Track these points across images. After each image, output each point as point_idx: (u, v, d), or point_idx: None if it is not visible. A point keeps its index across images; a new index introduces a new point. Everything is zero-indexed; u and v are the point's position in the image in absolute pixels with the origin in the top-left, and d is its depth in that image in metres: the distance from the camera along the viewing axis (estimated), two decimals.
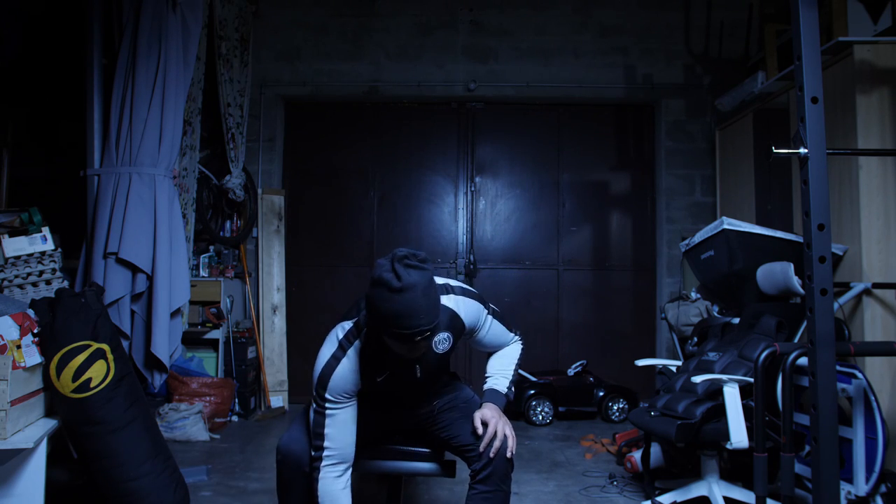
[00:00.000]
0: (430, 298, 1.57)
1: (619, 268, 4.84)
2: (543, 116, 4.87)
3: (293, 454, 1.81)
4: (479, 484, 1.81)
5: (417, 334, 1.56)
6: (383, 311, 1.54)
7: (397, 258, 1.55)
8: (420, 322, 1.55)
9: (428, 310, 1.57)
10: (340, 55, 4.71)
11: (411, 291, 1.52)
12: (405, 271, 1.53)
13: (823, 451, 1.62)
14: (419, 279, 1.54)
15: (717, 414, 2.38)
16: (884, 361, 2.66)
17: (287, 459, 1.82)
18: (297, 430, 1.87)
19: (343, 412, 1.75)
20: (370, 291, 1.58)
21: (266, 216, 4.60)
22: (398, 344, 1.62)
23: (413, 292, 1.53)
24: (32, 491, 2.00)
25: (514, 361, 1.97)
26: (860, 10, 3.04)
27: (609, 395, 4.18)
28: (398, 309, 1.53)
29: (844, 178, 2.89)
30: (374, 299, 1.56)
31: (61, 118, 4.13)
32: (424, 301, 1.55)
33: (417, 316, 1.54)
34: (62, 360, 2.05)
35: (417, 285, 1.53)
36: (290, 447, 1.82)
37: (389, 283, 1.52)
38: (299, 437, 1.84)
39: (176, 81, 2.65)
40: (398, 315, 1.53)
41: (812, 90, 1.64)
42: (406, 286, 1.52)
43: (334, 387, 1.72)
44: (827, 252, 1.63)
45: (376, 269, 1.56)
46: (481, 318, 1.89)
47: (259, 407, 4.40)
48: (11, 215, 2.78)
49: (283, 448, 1.83)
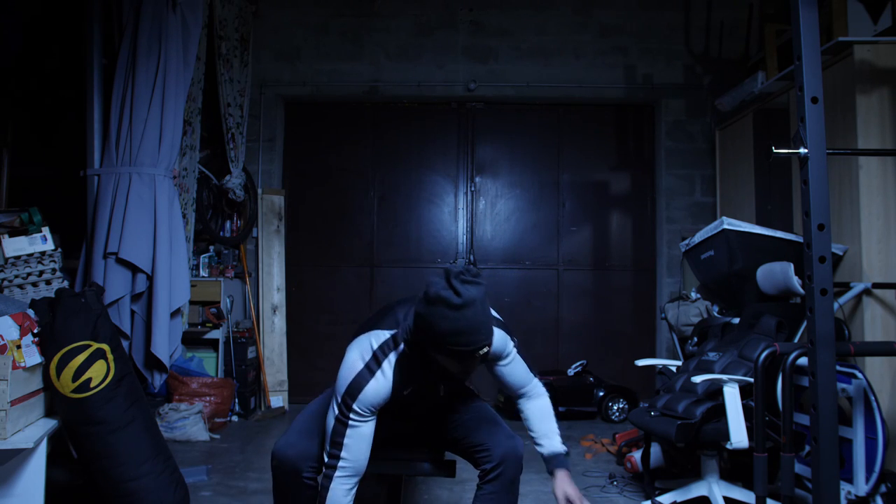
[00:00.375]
0: (487, 314, 1.57)
1: (619, 268, 4.83)
2: (543, 116, 4.87)
3: (288, 459, 1.78)
4: (488, 484, 1.81)
5: (478, 349, 1.55)
6: (443, 328, 1.52)
7: (454, 274, 1.53)
8: (481, 337, 1.54)
9: (487, 324, 1.56)
10: (340, 55, 4.71)
11: (472, 307, 1.51)
12: (464, 287, 1.51)
13: (823, 451, 1.62)
14: (477, 294, 1.53)
15: (717, 414, 2.38)
16: (884, 361, 2.66)
17: (283, 465, 1.78)
18: (293, 434, 1.83)
19: (366, 426, 1.70)
20: (426, 310, 1.54)
21: (266, 216, 4.60)
22: (454, 361, 1.59)
23: (474, 308, 1.52)
24: (32, 491, 2.00)
25: (552, 415, 1.95)
26: (860, 10, 3.04)
27: (609, 395, 4.18)
28: (460, 326, 1.51)
29: (844, 178, 2.89)
30: (432, 317, 1.53)
31: (61, 118, 4.13)
32: (484, 316, 1.55)
33: (479, 331, 1.53)
34: (62, 360, 2.06)
35: (476, 300, 1.52)
36: (285, 452, 1.79)
37: (449, 300, 1.50)
38: (295, 441, 1.80)
39: (176, 81, 2.65)
40: (460, 332, 1.51)
41: (812, 90, 1.64)
42: (467, 302, 1.50)
43: (364, 399, 1.66)
44: (827, 252, 1.63)
45: (432, 287, 1.54)
46: (507, 348, 1.86)
47: (259, 407, 4.40)
48: (11, 215, 2.78)
49: (278, 453, 1.79)
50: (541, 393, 1.96)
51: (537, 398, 1.96)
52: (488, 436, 1.85)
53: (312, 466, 1.78)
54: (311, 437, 1.81)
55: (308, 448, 1.78)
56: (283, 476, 1.79)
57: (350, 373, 1.68)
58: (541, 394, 1.96)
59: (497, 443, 1.83)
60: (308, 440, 1.80)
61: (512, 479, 1.82)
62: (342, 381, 1.68)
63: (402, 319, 1.73)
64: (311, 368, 4.71)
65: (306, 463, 1.77)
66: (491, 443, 1.83)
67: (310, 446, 1.79)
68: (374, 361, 1.68)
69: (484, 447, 1.83)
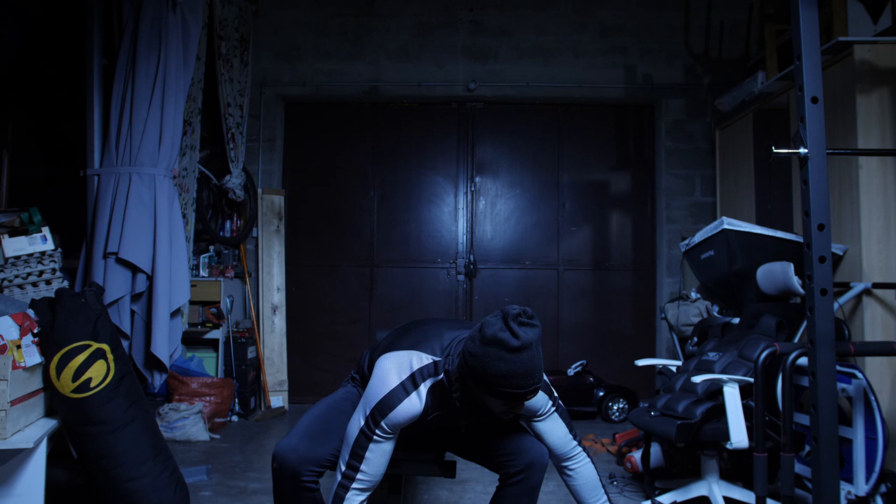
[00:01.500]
0: (541, 356, 1.56)
1: (619, 268, 4.84)
2: (543, 116, 4.87)
3: (289, 463, 1.74)
4: (511, 487, 1.81)
5: (530, 393, 1.55)
6: (498, 370, 1.51)
7: (511, 316, 1.52)
8: (534, 381, 1.54)
9: (541, 368, 1.56)
10: (340, 55, 4.71)
11: (529, 351, 1.51)
12: (521, 330, 1.51)
13: (823, 451, 1.62)
14: (534, 337, 1.53)
15: (717, 414, 2.38)
16: (884, 361, 2.66)
17: (283, 468, 1.75)
18: (295, 437, 1.79)
19: (388, 443, 1.68)
20: (480, 350, 1.53)
21: (266, 216, 4.60)
22: (500, 402, 1.58)
23: (531, 352, 1.52)
24: (32, 491, 2.00)
25: (601, 485, 1.92)
26: (860, 10, 3.04)
27: (609, 395, 4.18)
28: (516, 369, 1.50)
29: (844, 178, 2.89)
30: (487, 357, 1.51)
31: (61, 118, 4.13)
32: (539, 360, 1.55)
33: (533, 375, 1.53)
34: (62, 360, 2.06)
35: (533, 343, 1.52)
36: (286, 455, 1.74)
37: (507, 342, 1.49)
38: (297, 444, 1.77)
39: (176, 81, 2.65)
40: (515, 375, 1.51)
41: (812, 90, 1.64)
42: (525, 345, 1.50)
43: (393, 418, 1.64)
44: (827, 252, 1.63)
45: (488, 328, 1.53)
46: (545, 407, 1.84)
47: (259, 407, 4.40)
48: (11, 215, 2.78)
49: (279, 456, 1.76)
50: (586, 461, 1.91)
51: (585, 468, 1.90)
52: (515, 441, 1.83)
53: (313, 471, 1.75)
54: (314, 441, 1.78)
55: (310, 452, 1.76)
56: (284, 479, 1.76)
57: (384, 387, 1.65)
58: (586, 462, 1.91)
59: (524, 448, 1.82)
60: (310, 444, 1.77)
61: (534, 486, 1.81)
62: (374, 393, 1.66)
63: (449, 349, 1.71)
64: (311, 368, 4.71)
65: (307, 467, 1.74)
66: (517, 448, 1.82)
67: (312, 450, 1.76)
68: (410, 382, 1.66)
69: (509, 452, 1.82)
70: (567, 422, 1.89)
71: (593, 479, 1.90)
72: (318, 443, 1.78)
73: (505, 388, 1.52)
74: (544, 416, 1.85)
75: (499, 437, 1.86)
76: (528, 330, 1.52)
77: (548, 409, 1.85)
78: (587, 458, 1.91)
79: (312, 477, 1.75)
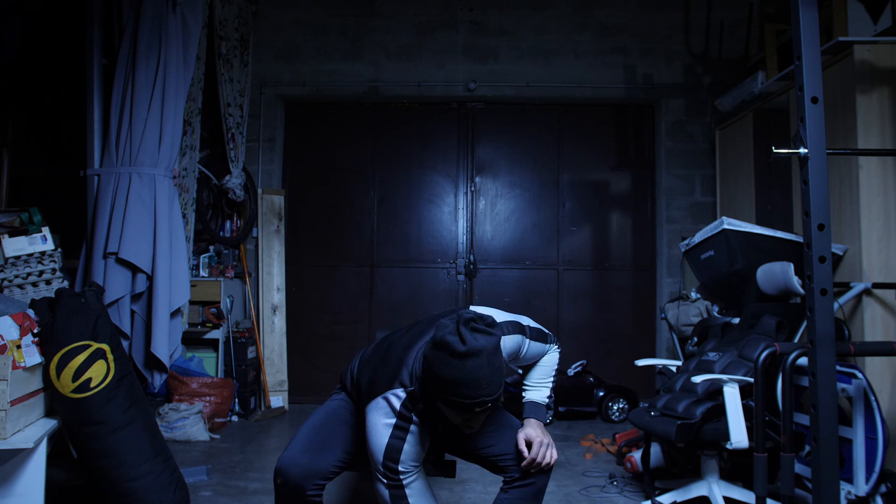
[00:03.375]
0: (494, 367, 1.47)
1: (619, 268, 4.83)
2: (543, 116, 4.87)
3: (293, 478, 1.70)
4: (516, 490, 1.76)
5: (477, 405, 1.47)
6: (443, 376, 1.45)
7: (463, 320, 1.46)
8: (482, 392, 1.45)
9: (491, 379, 1.46)
10: (340, 55, 4.71)
11: (476, 358, 1.43)
12: (471, 335, 1.44)
13: (823, 451, 1.62)
14: (486, 344, 1.45)
15: (717, 414, 2.38)
16: (884, 361, 2.66)
17: (287, 483, 1.70)
18: (297, 450, 1.75)
19: (418, 480, 1.62)
20: (431, 353, 1.49)
21: (266, 216, 4.60)
22: (453, 412, 1.53)
23: (478, 359, 1.43)
24: (32, 491, 2.00)
25: (553, 370, 1.90)
26: (860, 10, 3.04)
27: (609, 395, 4.18)
28: (460, 377, 1.43)
29: (844, 178, 2.89)
30: (435, 362, 1.47)
31: (61, 118, 4.13)
32: (489, 370, 1.45)
33: (479, 385, 1.45)
34: (62, 360, 2.05)
35: (483, 351, 1.44)
36: (289, 471, 1.70)
37: (453, 346, 1.43)
38: (299, 458, 1.73)
39: (176, 81, 2.65)
40: (459, 383, 1.44)
41: (812, 90, 1.64)
42: (471, 351, 1.43)
43: (406, 459, 1.59)
44: (827, 252, 1.63)
45: (439, 330, 1.48)
46: (522, 346, 1.81)
47: (259, 407, 4.40)
48: (11, 215, 2.78)
49: (282, 471, 1.70)
50: (552, 351, 1.89)
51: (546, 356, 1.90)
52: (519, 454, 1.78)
53: (317, 484, 1.72)
54: (316, 453, 1.75)
55: (312, 465, 1.72)
56: (288, 494, 1.72)
57: (381, 441, 1.60)
58: (551, 351, 1.89)
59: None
60: (312, 457, 1.74)
61: (541, 488, 1.77)
62: (376, 450, 1.60)
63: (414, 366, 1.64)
64: (311, 368, 4.71)
65: (311, 481, 1.71)
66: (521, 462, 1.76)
67: (314, 463, 1.73)
68: (402, 424, 1.60)
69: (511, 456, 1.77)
70: (538, 334, 1.85)
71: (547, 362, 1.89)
72: (320, 455, 1.75)
73: (450, 395, 1.47)
74: (523, 354, 1.84)
75: (495, 439, 1.81)
76: (479, 336, 1.45)
77: (524, 348, 1.82)
78: (557, 347, 1.91)
79: (317, 490, 1.73)
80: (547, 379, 1.89)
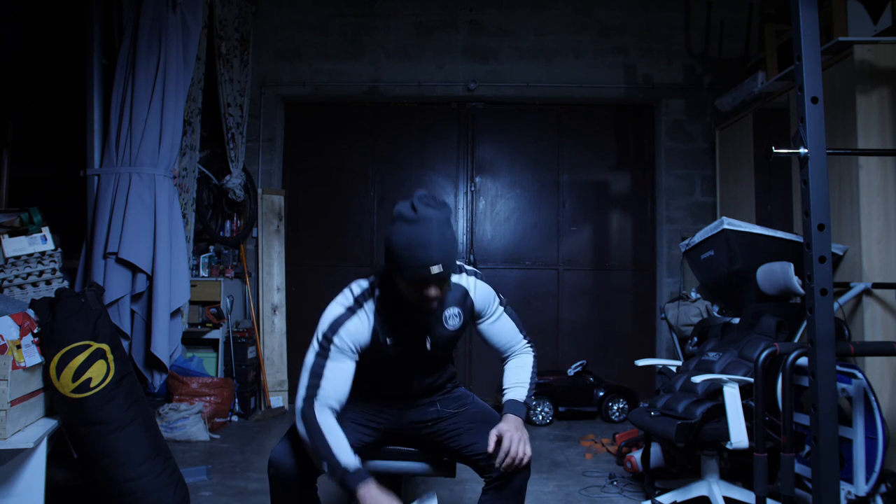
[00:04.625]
0: (444, 236, 1.58)
1: (619, 268, 4.83)
2: (543, 116, 4.87)
3: (285, 468, 1.71)
4: (495, 491, 1.76)
5: (429, 265, 1.55)
6: (399, 242, 1.56)
7: (417, 197, 1.59)
8: (432, 253, 1.54)
9: (441, 245, 1.56)
10: (340, 55, 4.71)
11: (426, 223, 1.55)
12: (422, 206, 1.57)
13: (823, 451, 1.62)
14: (435, 214, 1.57)
15: (717, 414, 2.38)
16: (884, 361, 2.66)
17: (280, 473, 1.72)
18: (289, 441, 1.76)
19: (345, 363, 1.69)
20: (388, 229, 1.61)
21: (266, 216, 4.60)
22: (412, 288, 1.60)
23: (428, 224, 1.55)
24: (32, 491, 2.00)
25: (530, 370, 1.89)
26: (860, 10, 3.04)
27: (609, 395, 4.17)
28: (413, 240, 1.54)
29: (844, 178, 2.89)
30: (391, 234, 1.59)
31: (61, 118, 4.13)
32: (439, 236, 1.56)
33: (429, 247, 1.54)
34: (62, 360, 2.05)
35: (433, 219, 1.56)
36: (282, 461, 1.71)
37: (405, 215, 1.56)
38: (291, 448, 1.73)
39: (176, 81, 2.65)
40: (410, 246, 1.54)
41: (812, 90, 1.64)
42: (421, 217, 1.55)
43: (344, 335, 1.68)
44: (827, 252, 1.63)
45: (396, 208, 1.60)
46: (492, 305, 1.84)
47: (259, 407, 4.40)
48: (11, 215, 2.78)
49: (275, 461, 1.72)
50: (526, 351, 1.90)
51: (521, 356, 1.90)
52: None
53: (310, 475, 1.73)
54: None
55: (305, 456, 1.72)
56: (281, 484, 1.73)
57: (330, 315, 1.71)
58: (526, 352, 1.90)
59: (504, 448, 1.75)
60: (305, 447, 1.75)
61: (519, 487, 1.77)
62: (323, 322, 1.71)
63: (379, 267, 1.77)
64: None
65: (303, 471, 1.71)
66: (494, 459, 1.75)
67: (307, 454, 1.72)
68: (355, 304, 1.72)
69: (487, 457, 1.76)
70: (516, 319, 1.88)
71: (525, 363, 1.88)
72: None
73: (403, 262, 1.56)
74: (491, 316, 1.85)
75: (475, 436, 1.82)
76: (429, 209, 1.58)
77: (494, 308, 1.85)
78: (531, 349, 1.90)
79: (309, 482, 1.74)
80: (524, 380, 1.88)
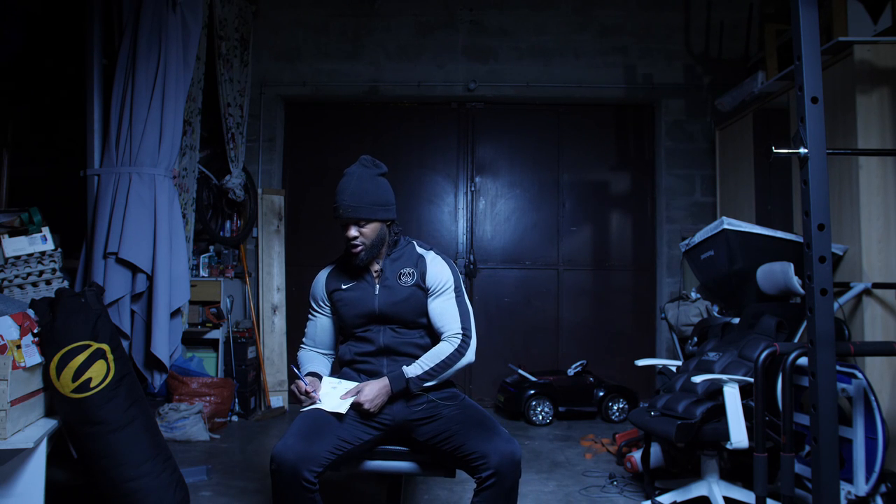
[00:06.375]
0: (362, 186, 1.96)
1: (619, 268, 4.83)
2: (543, 116, 4.87)
3: (288, 462, 1.73)
4: (486, 491, 1.77)
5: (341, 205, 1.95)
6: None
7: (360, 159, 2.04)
8: (344, 198, 1.95)
9: (355, 191, 1.95)
10: (340, 55, 4.71)
11: (348, 175, 2.00)
12: (357, 165, 2.02)
13: (823, 451, 1.62)
14: (361, 172, 2.00)
15: (717, 414, 2.38)
16: (884, 361, 2.66)
17: (282, 468, 1.74)
18: (292, 437, 1.79)
19: (321, 318, 2.18)
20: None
21: (266, 216, 4.60)
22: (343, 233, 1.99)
23: (351, 177, 1.99)
24: (32, 491, 2.00)
25: (441, 358, 1.96)
26: (860, 10, 3.04)
27: (609, 395, 4.18)
28: (340, 187, 1.98)
29: (844, 178, 2.89)
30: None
31: (61, 118, 4.13)
32: (357, 185, 1.96)
33: (344, 192, 1.96)
34: (62, 360, 2.05)
35: (354, 172, 2.00)
36: (284, 455, 1.74)
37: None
38: (293, 444, 1.76)
39: (176, 81, 2.65)
40: (338, 192, 1.98)
41: (812, 90, 1.64)
42: (346, 172, 2.01)
43: (313, 292, 2.18)
44: (827, 252, 1.63)
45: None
46: (444, 283, 2.03)
47: (259, 407, 4.40)
48: (11, 215, 2.78)
49: (277, 456, 1.74)
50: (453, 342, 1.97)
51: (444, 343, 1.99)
52: (483, 442, 1.79)
53: (312, 470, 1.74)
54: (310, 440, 1.78)
55: (307, 451, 1.75)
56: (283, 480, 1.75)
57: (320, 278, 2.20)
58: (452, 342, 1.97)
59: (493, 450, 1.77)
60: (307, 443, 1.77)
61: (510, 487, 1.77)
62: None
63: None
64: None
65: (306, 466, 1.73)
66: (486, 450, 1.77)
67: (309, 449, 1.75)
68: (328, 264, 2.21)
69: (479, 455, 1.78)
70: (464, 311, 2.00)
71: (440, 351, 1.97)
72: (314, 441, 1.78)
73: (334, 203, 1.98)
74: (440, 295, 2.03)
75: (466, 437, 1.83)
76: (355, 165, 2.02)
77: (444, 287, 2.03)
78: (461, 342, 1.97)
79: (311, 476, 1.74)
80: (427, 362, 1.97)
